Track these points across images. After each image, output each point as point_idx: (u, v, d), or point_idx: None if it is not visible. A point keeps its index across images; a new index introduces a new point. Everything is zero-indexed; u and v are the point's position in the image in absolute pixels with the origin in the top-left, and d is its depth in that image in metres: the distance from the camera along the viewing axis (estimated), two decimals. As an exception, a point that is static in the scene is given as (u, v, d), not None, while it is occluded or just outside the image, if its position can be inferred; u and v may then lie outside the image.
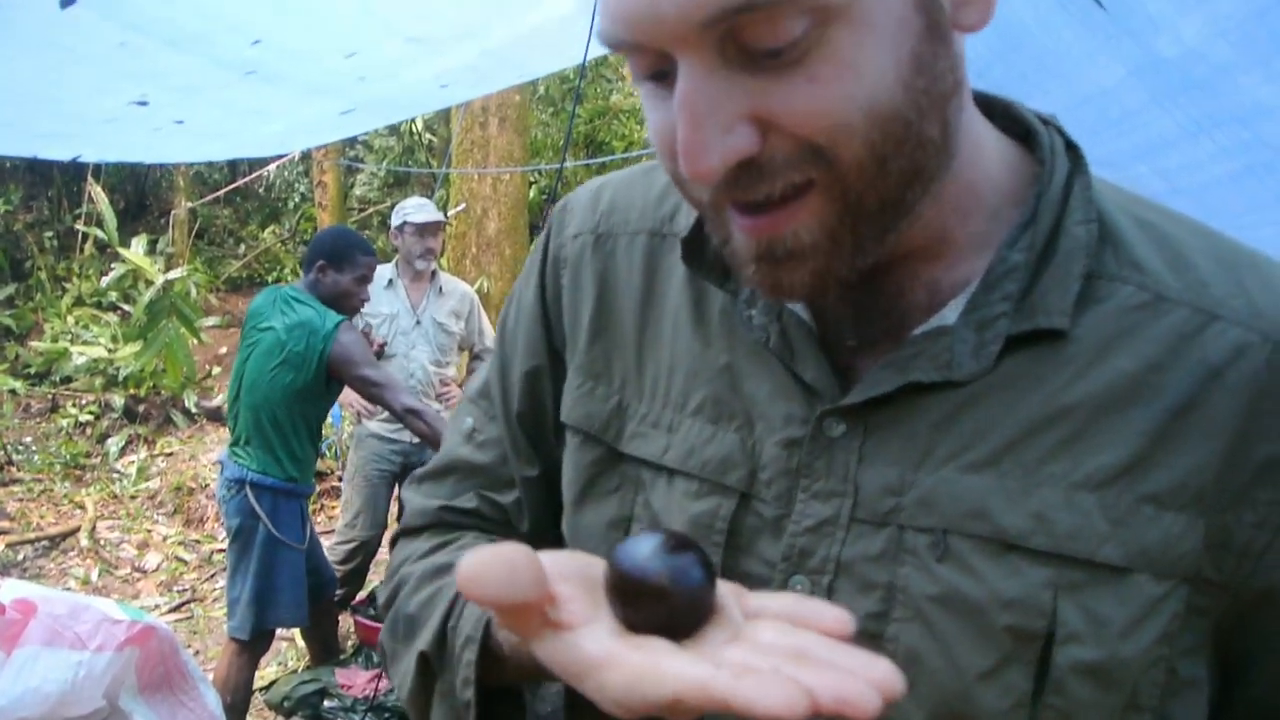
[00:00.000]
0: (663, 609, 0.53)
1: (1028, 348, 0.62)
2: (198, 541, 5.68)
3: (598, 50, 3.99)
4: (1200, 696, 0.64)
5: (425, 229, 4.20)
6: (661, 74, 0.56)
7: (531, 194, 10.15)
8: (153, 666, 1.91)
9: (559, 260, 0.82)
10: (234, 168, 10.41)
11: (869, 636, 0.62)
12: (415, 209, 4.23)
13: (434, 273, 4.36)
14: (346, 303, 3.41)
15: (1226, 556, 0.60)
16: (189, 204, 9.34)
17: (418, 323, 4.28)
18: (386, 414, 4.25)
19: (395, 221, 4.27)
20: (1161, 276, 0.62)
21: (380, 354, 3.70)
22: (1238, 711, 0.67)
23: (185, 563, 5.43)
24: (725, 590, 0.55)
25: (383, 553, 4.70)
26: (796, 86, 0.52)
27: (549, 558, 0.53)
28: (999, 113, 0.69)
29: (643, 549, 0.54)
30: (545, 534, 0.85)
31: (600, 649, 0.51)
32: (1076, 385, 0.61)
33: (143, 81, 2.52)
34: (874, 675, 0.46)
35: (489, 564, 0.49)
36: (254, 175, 9.79)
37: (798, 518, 0.65)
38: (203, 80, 2.62)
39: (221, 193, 9.68)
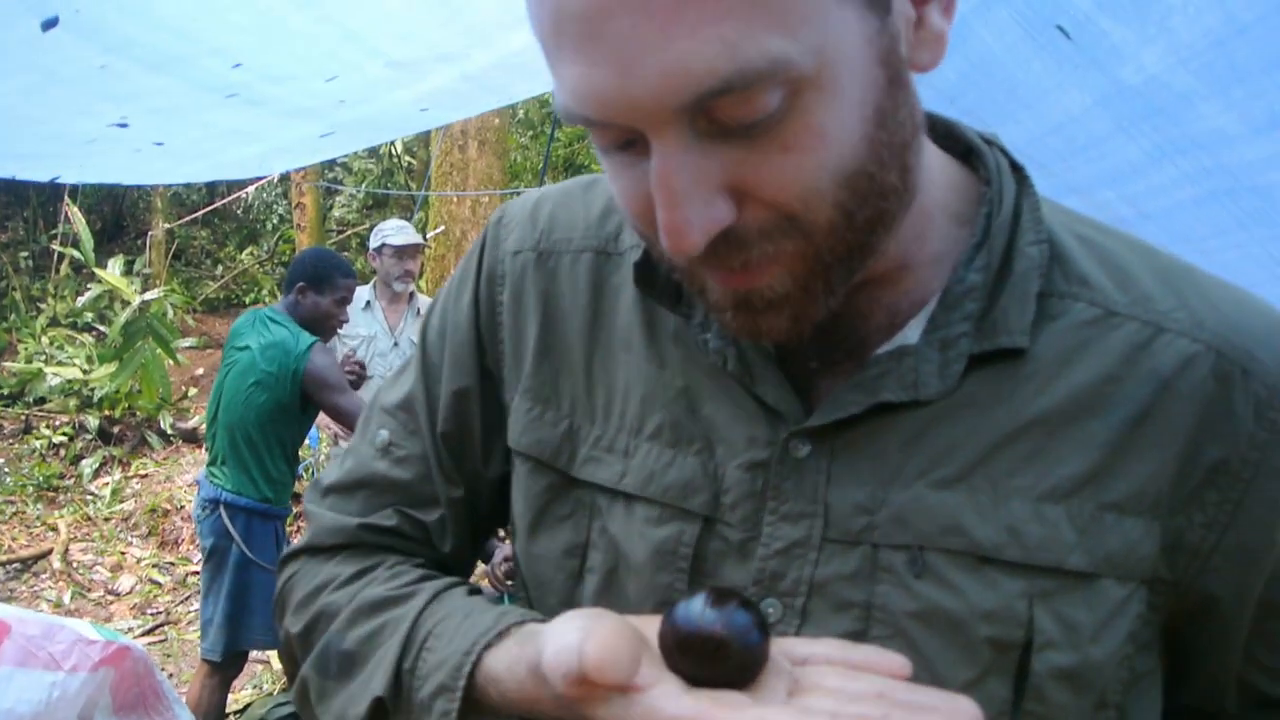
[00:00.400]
0: (730, 664, 0.56)
1: (989, 366, 0.63)
2: (172, 564, 5.63)
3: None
4: (1155, 688, 0.67)
5: (404, 251, 4.21)
6: (628, 143, 0.55)
7: (511, 216, 10.18)
8: (127, 687, 1.90)
9: (496, 276, 0.79)
10: (212, 189, 10.39)
11: None
12: (394, 231, 4.23)
13: (412, 294, 4.36)
14: (326, 324, 3.41)
15: (1179, 556, 0.63)
16: (166, 225, 9.30)
17: (395, 344, 4.28)
18: (364, 435, 4.26)
19: (374, 243, 4.27)
20: (1108, 292, 0.65)
21: (362, 376, 3.68)
22: (1178, 709, 0.71)
23: (159, 585, 5.38)
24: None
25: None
26: (770, 155, 0.52)
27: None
28: (941, 132, 0.70)
29: (698, 607, 0.57)
30: (464, 552, 0.84)
31: (680, 708, 0.54)
32: (1038, 400, 0.63)
33: (123, 103, 2.53)
34: (965, 709, 0.52)
35: (616, 651, 0.54)
36: (232, 197, 9.77)
37: (767, 540, 0.66)
38: (183, 102, 2.63)
39: (199, 214, 9.65)
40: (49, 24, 2.05)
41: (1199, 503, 0.63)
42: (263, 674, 4.44)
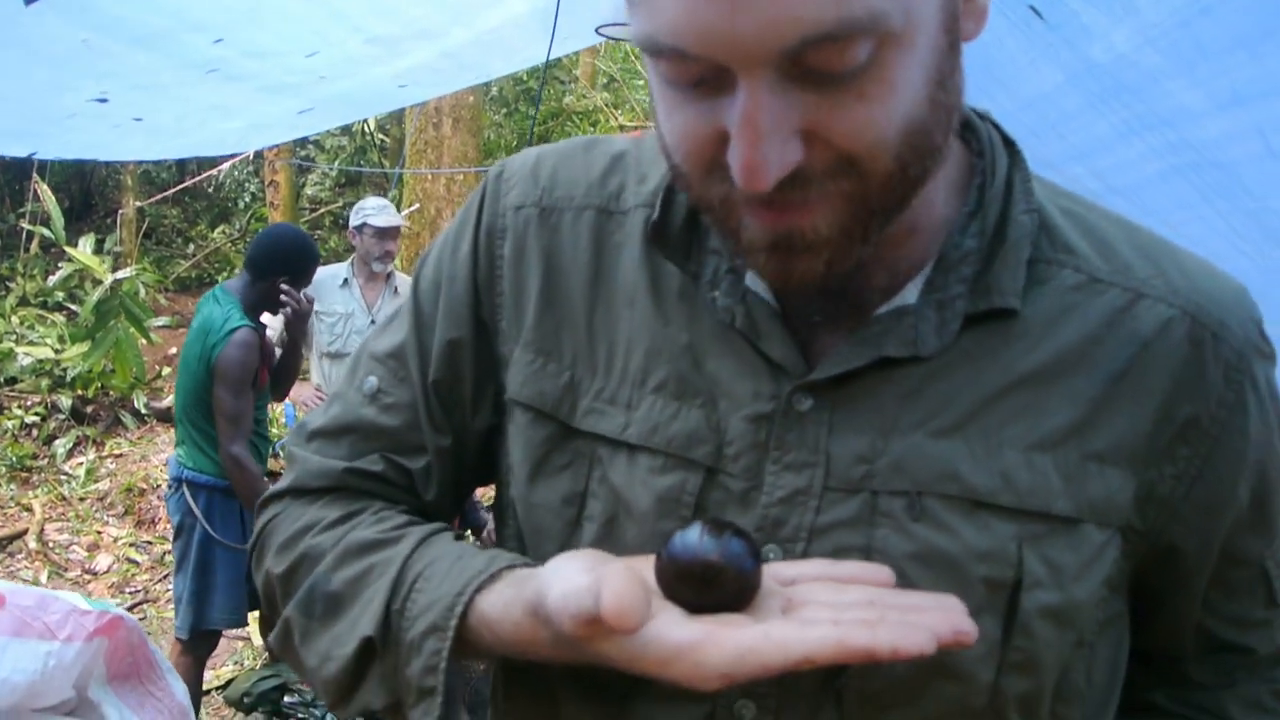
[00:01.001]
0: (727, 589, 0.59)
1: (983, 325, 0.68)
2: (149, 543, 5.62)
3: (557, 52, 4.04)
4: (1124, 631, 0.73)
5: (386, 232, 4.20)
6: (701, 81, 0.56)
7: (485, 195, 10.15)
8: (121, 657, 1.92)
9: (496, 230, 0.80)
10: (182, 167, 10.28)
11: None
12: (376, 211, 4.22)
13: (390, 273, 4.37)
14: (276, 305, 3.37)
15: (1150, 507, 0.68)
16: (138, 203, 9.20)
17: (372, 322, 4.28)
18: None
19: (354, 221, 4.26)
20: (1092, 260, 0.69)
21: (304, 311, 3.59)
22: (1143, 654, 0.76)
23: (137, 564, 5.38)
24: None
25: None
26: (847, 103, 0.54)
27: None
28: None
29: (694, 537, 0.60)
30: (445, 502, 0.85)
31: (688, 632, 0.57)
32: (1028, 358, 0.67)
33: (103, 79, 2.53)
34: (955, 605, 0.56)
35: (632, 598, 0.56)
36: (204, 175, 9.67)
37: (769, 489, 0.68)
38: (164, 78, 2.63)
39: (172, 191, 9.55)
40: (31, 0, 2.06)
41: (1171, 457, 0.68)
42: (244, 650, 4.46)
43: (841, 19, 0.50)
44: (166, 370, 7.76)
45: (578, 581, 0.59)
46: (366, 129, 10.23)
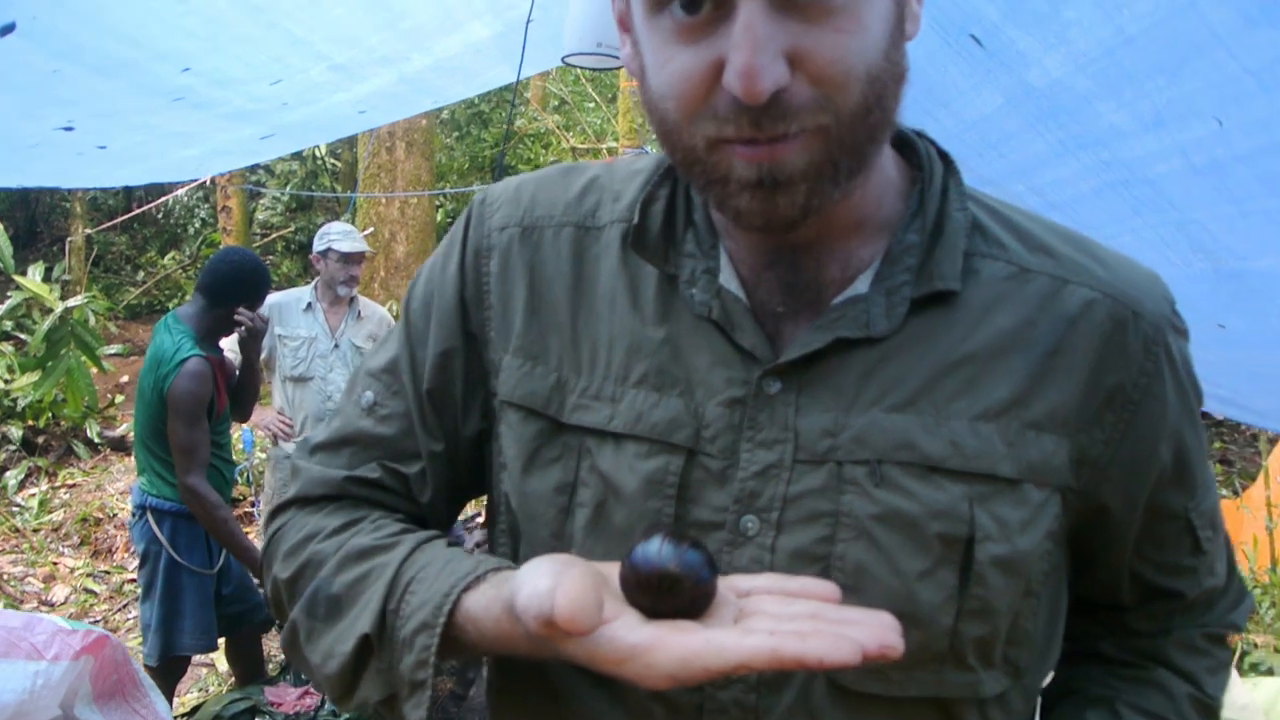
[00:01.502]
0: (683, 597, 0.64)
1: (928, 310, 0.77)
2: (107, 572, 5.56)
3: (512, 78, 4.11)
4: (1062, 581, 0.82)
5: (351, 257, 4.22)
6: (695, 6, 0.65)
7: (439, 217, 10.18)
8: (106, 675, 1.95)
9: (483, 249, 0.87)
10: (129, 193, 10.18)
11: (818, 558, 0.75)
12: (341, 236, 4.24)
13: (353, 297, 4.40)
14: (231, 328, 3.38)
15: (1083, 469, 0.78)
16: (88, 230, 9.09)
17: (336, 346, 4.30)
18: (303, 436, 4.29)
19: (319, 246, 4.28)
20: (1021, 254, 0.79)
21: (259, 331, 3.61)
22: (1086, 603, 0.87)
23: (95, 594, 5.31)
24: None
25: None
26: (826, 33, 0.64)
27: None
28: None
29: (654, 548, 0.64)
30: (440, 506, 0.92)
31: (641, 636, 0.62)
32: (970, 339, 0.76)
33: (69, 107, 2.55)
34: (888, 622, 0.61)
35: (584, 602, 0.61)
36: (158, 201, 9.59)
37: (745, 465, 0.76)
38: (129, 105, 2.66)
39: (124, 219, 9.45)
40: (4, 30, 2.09)
41: (1099, 422, 0.77)
42: (208, 677, 4.44)
43: None
44: (120, 398, 7.67)
45: (540, 585, 0.63)
46: (317, 154, 10.22)
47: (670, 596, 0.64)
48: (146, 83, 2.56)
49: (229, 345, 3.67)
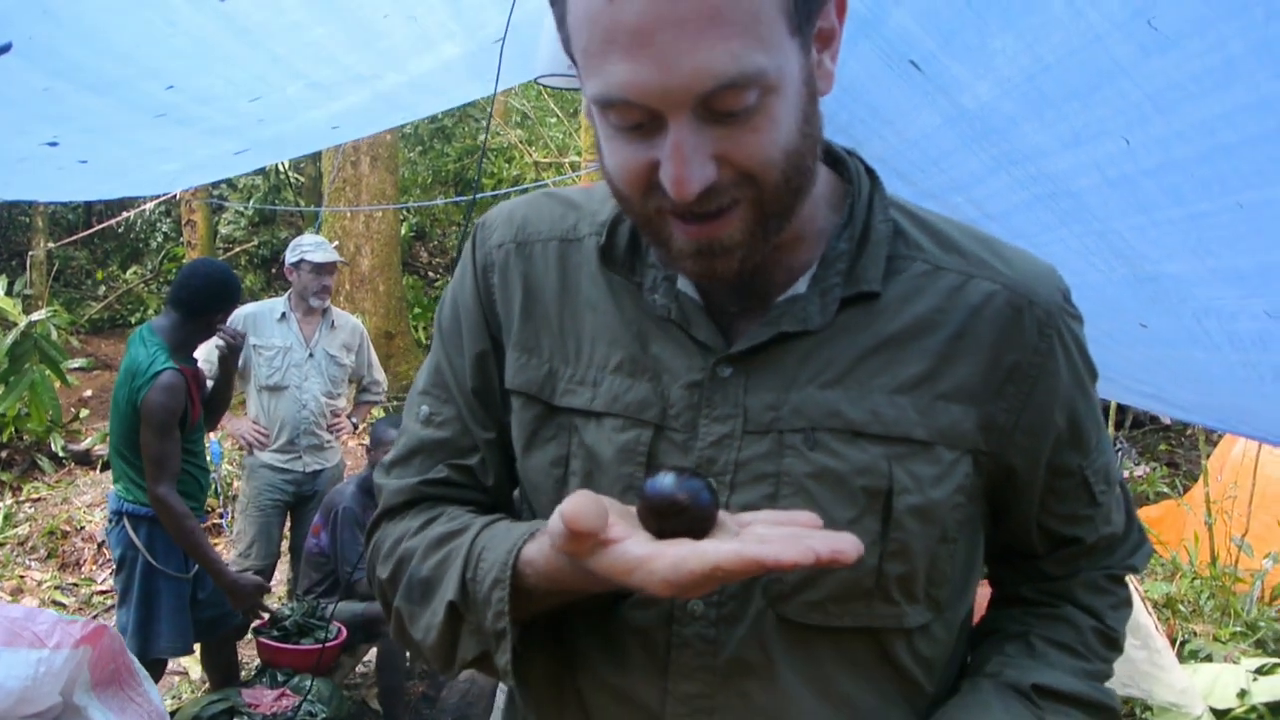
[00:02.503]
0: (684, 519, 0.76)
1: (855, 305, 0.91)
2: (75, 585, 5.58)
3: (476, 94, 4.24)
4: (977, 531, 0.97)
5: (323, 268, 4.32)
6: (638, 126, 0.77)
7: (403, 230, 10.24)
8: (104, 664, 2.04)
9: (487, 265, 1.02)
10: (89, 208, 10.14)
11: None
12: (314, 247, 4.33)
13: (326, 308, 4.49)
14: (205, 337, 3.49)
15: (991, 434, 0.92)
16: (50, 244, 9.05)
17: (310, 355, 4.39)
18: (279, 444, 4.37)
19: (292, 258, 4.36)
20: (935, 254, 0.94)
21: (237, 345, 3.68)
22: (1004, 551, 1.02)
23: (64, 607, 5.32)
24: (724, 515, 0.80)
25: (278, 579, 4.76)
26: (744, 135, 0.77)
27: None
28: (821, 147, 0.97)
29: (666, 481, 0.76)
30: (504, 488, 1.06)
31: (645, 550, 0.75)
32: (889, 326, 0.91)
33: (57, 124, 2.64)
34: (848, 536, 0.73)
35: (586, 505, 0.74)
36: (119, 217, 9.56)
37: (703, 437, 0.91)
38: (114, 121, 2.75)
39: (88, 233, 9.41)
40: (1, 50, 2.19)
41: (1002, 394, 0.92)
42: (180, 685, 4.48)
43: (740, 72, 0.73)
44: (84, 412, 7.66)
45: (557, 510, 0.76)
46: (281, 168, 10.25)
47: (674, 519, 0.75)
48: (133, 100, 2.65)
49: (204, 355, 3.76)
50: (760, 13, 0.73)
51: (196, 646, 3.62)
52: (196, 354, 3.57)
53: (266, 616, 3.67)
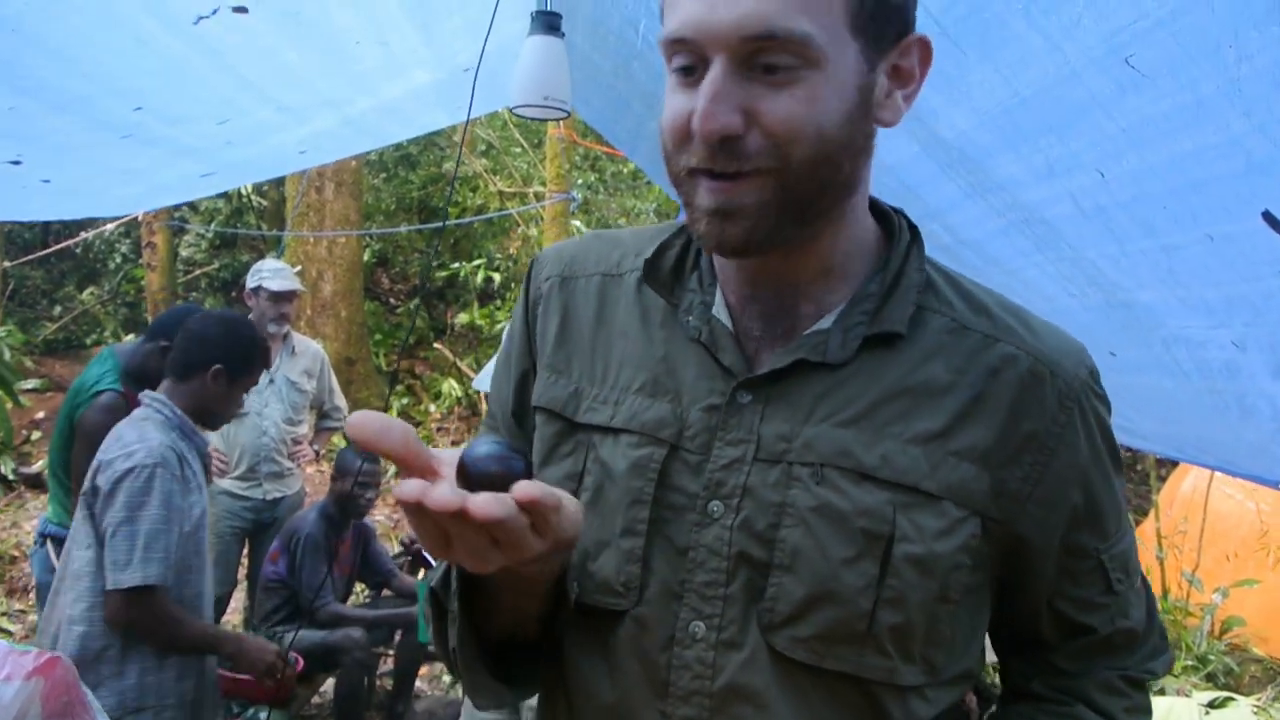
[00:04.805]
0: (461, 477, 0.75)
1: (878, 348, 0.92)
2: (23, 611, 5.44)
3: (443, 123, 4.23)
4: (983, 602, 0.95)
5: (281, 296, 4.27)
6: (690, 69, 0.83)
7: (366, 256, 10.17)
8: (57, 696, 1.97)
9: (537, 298, 1.08)
10: (46, 227, 9.98)
11: (766, 539, 0.89)
12: (273, 274, 4.28)
13: (286, 334, 4.43)
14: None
15: (1003, 501, 0.91)
16: (6, 263, 8.88)
17: (271, 381, 4.33)
18: (239, 471, 4.29)
19: (251, 283, 4.31)
20: (964, 313, 0.94)
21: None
22: (1011, 641, 1.00)
23: (10, 634, 5.18)
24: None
25: (233, 607, 4.66)
26: (778, 97, 0.81)
27: (446, 453, 0.78)
28: (872, 204, 0.99)
29: (474, 448, 0.77)
30: None
31: (440, 491, 0.70)
32: (909, 377, 0.91)
33: (21, 142, 2.59)
34: (502, 497, 0.71)
35: (369, 416, 0.72)
36: (78, 238, 9.40)
37: (715, 459, 0.92)
38: (79, 140, 2.71)
39: (46, 253, 9.25)
40: (-34, 67, 2.14)
41: (1018, 462, 0.91)
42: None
43: (783, 26, 0.78)
44: (36, 434, 7.49)
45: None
46: (244, 191, 10.16)
47: (462, 476, 0.76)
48: (99, 118, 2.61)
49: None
50: None
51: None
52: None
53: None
